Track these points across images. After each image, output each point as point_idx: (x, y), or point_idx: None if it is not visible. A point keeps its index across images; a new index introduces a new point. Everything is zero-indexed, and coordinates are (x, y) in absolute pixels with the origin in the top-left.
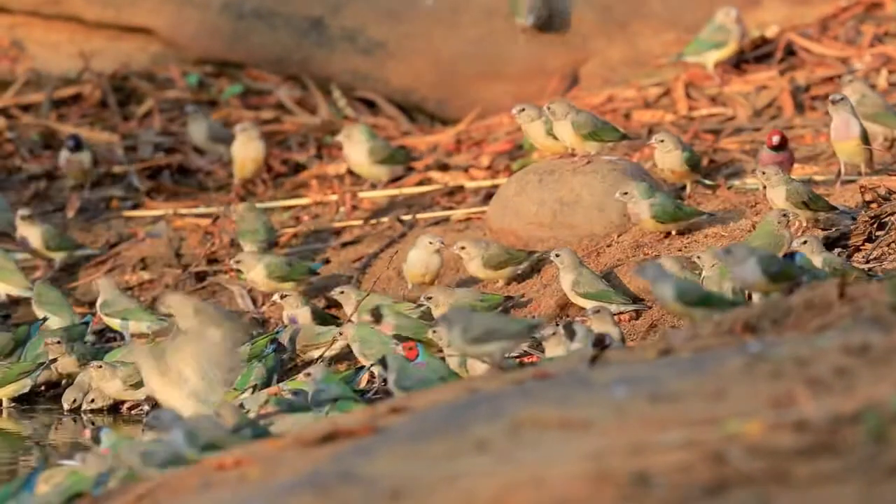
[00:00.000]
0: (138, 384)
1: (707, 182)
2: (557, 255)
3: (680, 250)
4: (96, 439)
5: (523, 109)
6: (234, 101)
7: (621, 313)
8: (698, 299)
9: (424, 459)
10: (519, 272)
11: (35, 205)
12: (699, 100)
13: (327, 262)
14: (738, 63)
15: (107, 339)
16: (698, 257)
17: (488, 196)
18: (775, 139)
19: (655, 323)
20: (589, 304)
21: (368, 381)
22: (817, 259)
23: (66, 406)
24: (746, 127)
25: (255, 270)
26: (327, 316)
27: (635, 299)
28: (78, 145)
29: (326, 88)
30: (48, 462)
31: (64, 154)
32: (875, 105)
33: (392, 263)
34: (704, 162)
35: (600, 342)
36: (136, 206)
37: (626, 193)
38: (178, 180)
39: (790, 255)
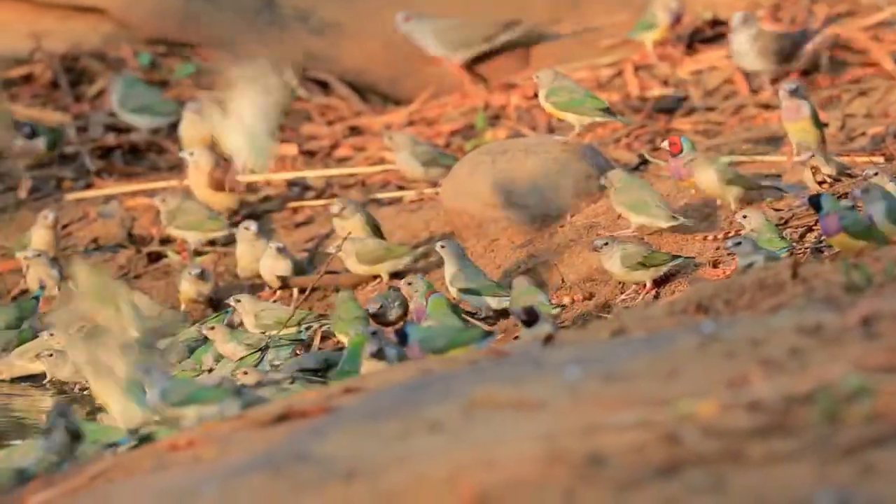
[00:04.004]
0: None
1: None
2: (442, 247)
3: (634, 231)
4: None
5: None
6: (186, 81)
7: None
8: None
9: (378, 439)
10: (401, 267)
11: None
12: (651, 80)
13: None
14: (691, 44)
15: None
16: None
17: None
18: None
19: (609, 302)
20: (470, 299)
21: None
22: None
23: None
24: (699, 107)
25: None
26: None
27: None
28: (33, 132)
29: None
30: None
31: (18, 142)
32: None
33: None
34: (658, 141)
35: (530, 314)
36: (87, 187)
37: None
38: (130, 161)
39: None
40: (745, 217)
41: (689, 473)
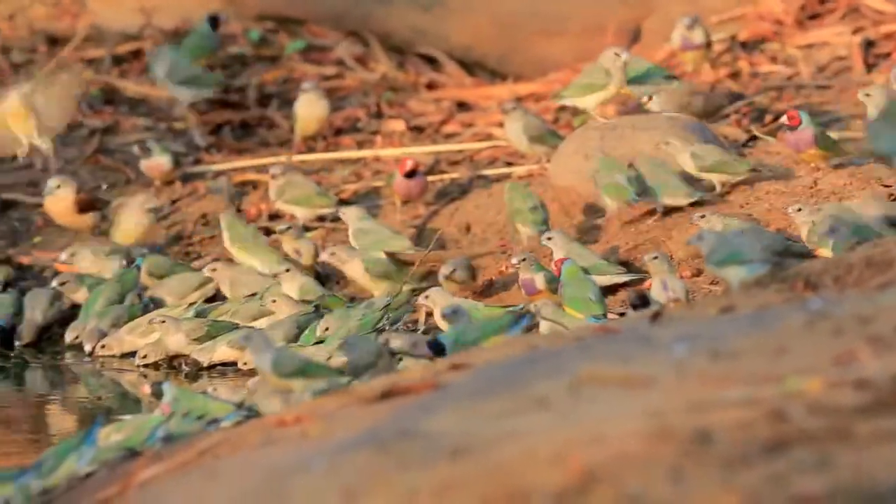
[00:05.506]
0: (202, 339)
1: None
2: (549, 238)
3: (742, 206)
4: (157, 393)
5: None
6: (296, 56)
7: (622, 285)
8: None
9: (485, 416)
10: None
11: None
12: (760, 57)
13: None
14: (801, 20)
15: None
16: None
17: None
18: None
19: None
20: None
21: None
22: None
23: (67, 339)
24: (809, 84)
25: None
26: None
27: (631, 270)
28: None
29: (387, 44)
30: (109, 416)
31: (143, 162)
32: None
33: (452, 221)
34: (767, 118)
35: (642, 299)
36: (197, 162)
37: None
38: (240, 136)
39: None
40: (798, 210)
41: (796, 451)
